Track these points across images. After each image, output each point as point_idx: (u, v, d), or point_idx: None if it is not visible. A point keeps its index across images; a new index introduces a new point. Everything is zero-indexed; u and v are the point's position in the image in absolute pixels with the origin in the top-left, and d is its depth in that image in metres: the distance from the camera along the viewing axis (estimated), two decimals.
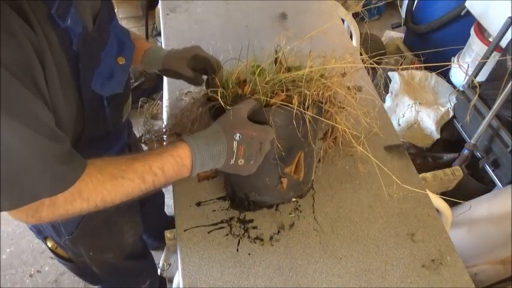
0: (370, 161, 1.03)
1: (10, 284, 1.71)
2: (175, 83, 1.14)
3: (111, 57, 0.73)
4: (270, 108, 0.74)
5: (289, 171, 0.82)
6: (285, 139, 0.77)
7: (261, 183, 0.85)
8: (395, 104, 2.04)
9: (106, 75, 0.70)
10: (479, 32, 1.86)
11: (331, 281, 0.84)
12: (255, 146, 0.70)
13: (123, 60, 0.74)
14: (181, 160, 0.66)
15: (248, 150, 0.70)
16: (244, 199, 0.89)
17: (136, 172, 0.63)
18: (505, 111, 1.55)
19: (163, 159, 0.65)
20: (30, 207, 0.57)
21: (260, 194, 0.87)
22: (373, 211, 0.95)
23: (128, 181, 0.62)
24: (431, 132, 1.92)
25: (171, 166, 0.66)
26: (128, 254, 1.15)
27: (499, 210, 1.37)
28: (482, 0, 1.73)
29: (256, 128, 0.70)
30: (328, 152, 1.00)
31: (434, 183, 1.05)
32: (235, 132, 0.68)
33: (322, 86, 0.77)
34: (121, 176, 0.61)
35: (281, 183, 0.85)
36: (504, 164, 1.57)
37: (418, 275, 0.85)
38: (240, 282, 0.83)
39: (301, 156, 0.82)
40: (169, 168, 0.66)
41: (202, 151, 0.67)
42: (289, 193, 0.88)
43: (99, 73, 0.69)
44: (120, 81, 0.75)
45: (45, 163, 0.55)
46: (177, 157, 0.66)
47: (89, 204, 0.61)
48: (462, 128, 1.82)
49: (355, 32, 1.73)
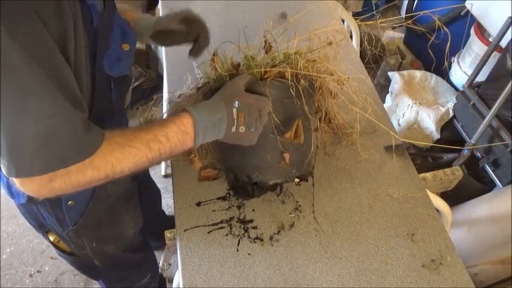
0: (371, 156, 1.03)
1: (10, 284, 1.71)
2: (175, 82, 1.14)
3: (117, 43, 0.77)
4: (265, 81, 0.79)
5: (289, 136, 0.83)
6: (282, 110, 0.80)
7: (263, 161, 0.85)
8: (395, 104, 2.04)
9: (114, 58, 0.75)
10: (479, 32, 1.86)
11: (331, 281, 0.84)
12: (255, 112, 0.73)
13: (127, 46, 0.79)
14: (185, 128, 0.68)
15: (248, 117, 0.72)
16: (247, 182, 0.87)
17: (142, 140, 0.64)
18: (505, 111, 1.55)
19: (167, 127, 0.67)
20: (44, 177, 0.57)
21: (263, 173, 0.86)
22: (373, 211, 0.95)
23: (135, 149, 0.63)
24: (431, 132, 1.92)
25: (175, 134, 0.67)
26: (128, 246, 1.17)
27: (499, 210, 1.37)
28: (482, 0, 1.73)
29: (253, 97, 0.74)
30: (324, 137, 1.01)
31: (434, 183, 1.05)
32: (234, 100, 0.71)
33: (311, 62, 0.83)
34: (128, 144, 0.63)
35: (283, 159, 0.85)
36: (504, 164, 1.57)
37: (418, 275, 0.85)
38: (240, 282, 0.83)
39: (299, 123, 0.84)
40: (174, 136, 0.67)
41: (204, 119, 0.69)
42: (292, 171, 0.88)
43: (109, 55, 0.74)
44: (127, 64, 0.81)
45: (74, 130, 0.57)
46: (180, 125, 0.68)
47: (100, 173, 0.61)
48: (462, 128, 1.82)
49: (355, 32, 1.74)
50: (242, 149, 0.79)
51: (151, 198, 1.51)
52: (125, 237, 1.14)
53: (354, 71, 1.01)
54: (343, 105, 0.95)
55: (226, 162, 0.92)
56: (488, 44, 1.68)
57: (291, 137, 0.84)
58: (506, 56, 1.51)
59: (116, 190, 1.00)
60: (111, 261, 1.15)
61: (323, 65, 0.85)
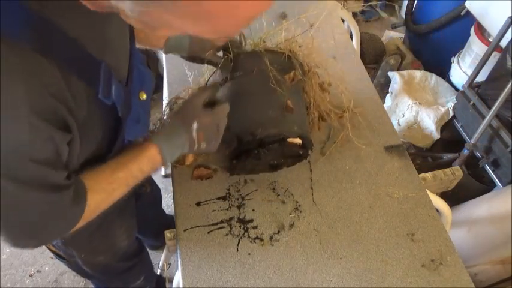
0: (371, 156, 1.03)
1: (10, 284, 1.71)
2: (175, 84, 1.15)
3: (135, 95, 0.71)
4: (261, 52, 0.90)
5: (288, 78, 0.91)
6: (277, 64, 0.90)
7: (265, 116, 0.88)
8: (395, 104, 2.04)
9: (134, 120, 0.71)
10: (479, 32, 1.85)
11: (331, 281, 0.84)
12: (212, 128, 0.80)
13: (144, 95, 0.73)
14: (154, 158, 0.74)
15: (206, 134, 0.79)
16: (252, 141, 0.87)
17: (121, 180, 0.70)
18: (505, 111, 1.55)
19: (140, 161, 0.72)
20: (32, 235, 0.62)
21: (266, 127, 0.87)
22: (373, 211, 0.95)
23: (117, 191, 0.70)
24: (431, 132, 1.92)
25: (146, 165, 0.73)
26: (121, 256, 1.15)
27: (499, 210, 1.37)
28: (482, 0, 1.73)
29: (209, 114, 0.79)
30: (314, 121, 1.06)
31: (434, 183, 1.05)
32: (192, 122, 0.77)
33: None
34: (111, 188, 0.69)
35: (287, 108, 0.88)
36: (504, 164, 1.57)
37: (418, 275, 0.85)
38: (240, 282, 0.83)
39: (295, 71, 0.93)
40: (146, 167, 0.73)
41: (168, 146, 0.75)
42: (293, 127, 0.89)
43: (130, 119, 0.70)
44: (145, 124, 0.76)
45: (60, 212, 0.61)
46: (149, 157, 0.73)
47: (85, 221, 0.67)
48: (462, 128, 1.82)
49: (355, 32, 1.73)
50: (243, 111, 0.89)
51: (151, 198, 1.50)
52: (118, 248, 1.11)
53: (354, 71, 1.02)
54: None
55: (228, 129, 0.92)
56: (488, 44, 1.68)
57: (290, 78, 0.91)
58: (506, 56, 1.51)
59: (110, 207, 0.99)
60: (102, 269, 1.13)
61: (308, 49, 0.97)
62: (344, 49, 1.30)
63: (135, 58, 0.73)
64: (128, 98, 0.68)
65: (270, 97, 0.88)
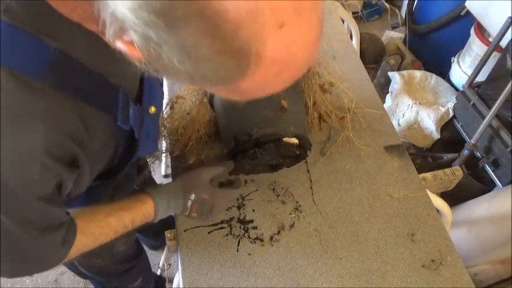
0: (371, 156, 1.03)
1: (10, 284, 1.71)
2: (175, 84, 1.14)
3: (146, 109, 0.68)
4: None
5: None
6: None
7: (262, 116, 0.88)
8: (395, 104, 2.04)
9: (145, 136, 0.69)
10: (479, 32, 1.85)
11: (331, 281, 0.84)
12: (207, 207, 0.82)
13: (153, 108, 0.69)
14: (147, 213, 0.76)
15: (199, 209, 0.81)
16: (248, 141, 0.87)
17: (111, 227, 0.71)
18: (505, 111, 1.55)
19: (133, 213, 0.74)
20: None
21: (262, 127, 0.87)
22: (373, 211, 0.95)
23: (104, 236, 0.71)
24: (431, 132, 1.92)
25: (138, 218, 0.75)
26: (119, 259, 1.14)
27: (499, 210, 1.37)
28: (482, 0, 1.73)
29: (210, 193, 0.82)
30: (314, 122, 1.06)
31: (434, 183, 1.05)
32: (192, 193, 0.80)
33: None
34: (99, 233, 0.70)
35: (282, 108, 0.88)
36: (504, 164, 1.57)
37: (418, 275, 0.85)
38: (240, 283, 0.83)
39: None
40: (137, 220, 0.75)
41: (163, 206, 0.77)
42: (290, 127, 0.89)
43: (142, 135, 0.67)
44: (155, 139, 0.75)
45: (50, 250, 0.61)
46: (144, 211, 0.75)
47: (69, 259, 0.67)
48: (462, 128, 1.82)
49: (355, 32, 1.73)
50: (240, 111, 0.88)
51: None
52: (116, 252, 1.10)
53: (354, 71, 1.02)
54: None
55: (226, 129, 0.92)
56: (488, 44, 1.68)
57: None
58: (506, 56, 1.51)
59: None
60: (99, 271, 1.13)
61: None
62: (344, 49, 1.30)
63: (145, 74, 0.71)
64: (142, 116, 0.66)
65: (267, 97, 0.88)
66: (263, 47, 0.34)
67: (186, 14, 0.32)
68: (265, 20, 0.33)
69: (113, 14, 0.34)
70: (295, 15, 0.34)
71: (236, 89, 0.39)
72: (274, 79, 0.39)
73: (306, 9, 0.35)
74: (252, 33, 0.33)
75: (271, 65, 0.36)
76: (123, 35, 0.36)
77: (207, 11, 0.31)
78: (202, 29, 0.33)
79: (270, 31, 0.34)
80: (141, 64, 0.39)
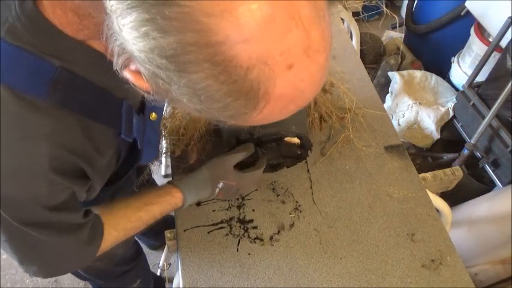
0: (371, 156, 1.03)
1: (10, 284, 1.71)
2: None
3: (147, 116, 0.67)
4: None
5: None
6: None
7: None
8: (395, 104, 2.04)
9: (147, 143, 0.68)
10: (479, 32, 1.85)
11: (331, 281, 0.84)
12: (233, 190, 0.84)
13: (154, 115, 0.68)
14: (175, 205, 0.78)
15: (226, 193, 0.84)
16: (249, 140, 0.88)
17: (142, 221, 0.73)
18: (505, 111, 1.54)
19: (163, 206, 0.76)
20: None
21: (264, 126, 0.87)
22: (373, 211, 0.95)
23: (135, 229, 0.73)
24: (431, 132, 1.92)
25: (167, 209, 0.77)
26: (118, 262, 1.15)
27: (499, 210, 1.37)
28: (482, 0, 1.73)
29: (237, 179, 0.83)
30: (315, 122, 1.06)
31: (434, 183, 1.05)
32: (220, 181, 0.81)
33: None
34: (131, 227, 0.72)
35: None
36: (504, 164, 1.57)
37: (418, 275, 0.85)
38: (240, 282, 0.83)
39: None
40: (166, 211, 0.77)
41: (191, 196, 0.79)
42: (291, 126, 0.89)
43: (145, 143, 0.67)
44: (156, 146, 0.73)
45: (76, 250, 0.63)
46: (172, 203, 0.77)
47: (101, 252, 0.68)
48: (462, 128, 1.82)
49: (355, 32, 1.73)
50: None
51: None
52: (115, 255, 1.11)
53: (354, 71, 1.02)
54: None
55: (227, 129, 0.92)
56: (488, 44, 1.68)
57: None
58: (506, 56, 1.51)
59: None
60: (98, 273, 1.13)
61: None
62: (344, 49, 1.30)
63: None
64: (144, 125, 0.65)
65: None
66: (272, 87, 0.35)
67: (197, 60, 0.32)
68: (275, 62, 0.33)
69: (121, 46, 0.34)
70: (304, 55, 0.34)
71: (242, 120, 0.40)
72: (280, 111, 0.40)
73: (315, 50, 0.35)
74: (262, 75, 0.34)
75: (278, 101, 0.37)
76: (131, 64, 0.37)
77: (218, 57, 0.32)
78: (212, 73, 0.33)
79: (279, 72, 0.34)
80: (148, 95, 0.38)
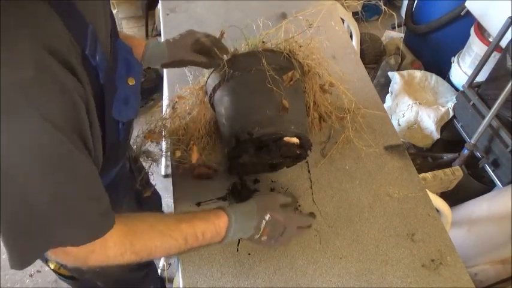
0: (371, 156, 1.03)
1: (10, 284, 1.71)
2: (175, 84, 1.14)
3: (123, 79, 0.71)
4: (259, 52, 0.92)
5: (286, 78, 0.91)
6: (276, 64, 0.91)
7: (263, 116, 0.88)
8: (395, 104, 2.04)
9: (122, 101, 0.70)
10: (479, 32, 1.86)
11: (331, 281, 0.84)
12: (279, 229, 0.79)
13: (132, 80, 0.72)
14: (220, 229, 0.74)
15: (272, 231, 0.79)
16: (248, 140, 0.88)
17: (182, 233, 0.70)
18: (505, 111, 1.55)
19: (206, 225, 0.73)
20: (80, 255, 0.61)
21: (263, 126, 0.87)
22: (373, 211, 0.95)
23: (173, 240, 0.69)
24: (431, 132, 1.92)
25: (210, 233, 0.73)
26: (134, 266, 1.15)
27: (499, 210, 1.37)
28: (482, 0, 1.73)
29: (283, 215, 0.79)
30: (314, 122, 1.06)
31: (434, 183, 1.06)
32: (267, 213, 0.78)
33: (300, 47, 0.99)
34: (169, 234, 0.68)
35: (283, 108, 0.88)
36: (504, 164, 1.57)
37: (418, 275, 0.85)
38: (240, 282, 0.83)
39: (294, 71, 0.93)
40: (208, 235, 0.73)
41: (238, 225, 0.76)
42: (290, 126, 0.89)
43: (117, 99, 0.69)
44: (134, 106, 0.74)
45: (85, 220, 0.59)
46: (217, 227, 0.74)
47: (137, 257, 0.66)
48: (462, 128, 1.82)
49: (355, 32, 1.74)
50: (241, 110, 0.90)
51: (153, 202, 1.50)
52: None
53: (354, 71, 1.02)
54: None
55: (227, 129, 0.92)
56: (488, 44, 1.68)
57: (288, 78, 0.91)
58: (506, 56, 1.51)
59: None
60: (115, 281, 1.13)
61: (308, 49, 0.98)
62: (344, 49, 1.30)
63: (120, 47, 0.73)
64: (113, 77, 0.67)
65: (268, 97, 0.88)
66: None
67: None
68: None
69: None
70: None
71: None
72: None
73: None
74: None
75: None
76: None
77: None
78: None
79: None
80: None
